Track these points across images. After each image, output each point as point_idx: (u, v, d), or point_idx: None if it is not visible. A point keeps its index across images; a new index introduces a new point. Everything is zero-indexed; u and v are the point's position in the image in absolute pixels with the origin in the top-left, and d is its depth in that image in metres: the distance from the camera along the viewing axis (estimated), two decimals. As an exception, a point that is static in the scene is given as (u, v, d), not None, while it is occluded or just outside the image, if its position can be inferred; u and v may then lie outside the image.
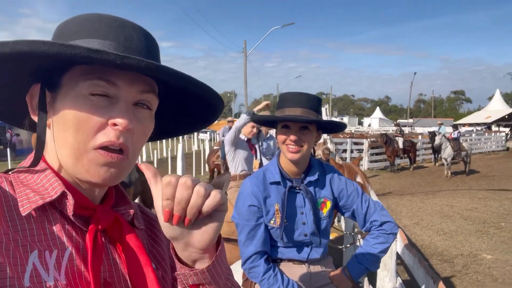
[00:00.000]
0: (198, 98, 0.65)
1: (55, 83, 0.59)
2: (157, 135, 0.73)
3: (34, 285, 0.49)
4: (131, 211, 0.67)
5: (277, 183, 1.54)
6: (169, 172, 9.81)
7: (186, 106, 0.70)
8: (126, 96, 0.58)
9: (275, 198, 1.53)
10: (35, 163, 0.60)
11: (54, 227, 0.56)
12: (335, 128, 1.67)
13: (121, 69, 0.54)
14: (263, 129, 4.20)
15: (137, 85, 0.59)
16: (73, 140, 0.56)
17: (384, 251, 1.57)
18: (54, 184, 0.57)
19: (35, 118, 0.61)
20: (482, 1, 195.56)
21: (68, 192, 0.56)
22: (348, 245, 3.68)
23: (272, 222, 1.52)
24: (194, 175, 11.71)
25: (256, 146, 3.87)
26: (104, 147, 0.56)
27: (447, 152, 13.26)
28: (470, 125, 34.67)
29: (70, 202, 0.56)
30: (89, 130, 0.55)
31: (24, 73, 0.58)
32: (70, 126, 0.56)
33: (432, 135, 14.25)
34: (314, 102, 1.53)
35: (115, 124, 0.56)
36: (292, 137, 1.46)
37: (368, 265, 1.57)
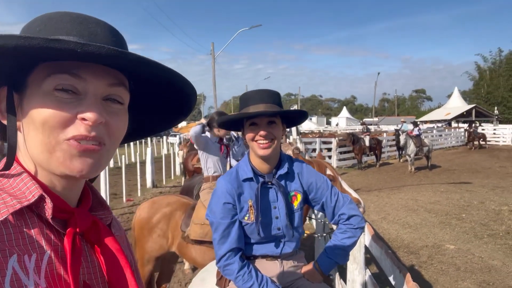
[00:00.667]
0: (170, 88, 0.65)
1: (21, 83, 0.58)
2: (133, 134, 0.74)
3: None
4: (109, 217, 0.67)
5: (250, 179, 1.56)
6: (138, 177, 9.61)
7: (160, 100, 0.70)
8: (94, 90, 0.57)
9: (249, 195, 1.55)
10: (7, 167, 0.60)
11: (32, 231, 0.55)
12: (299, 117, 1.67)
13: (84, 59, 0.53)
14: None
15: (105, 78, 0.58)
16: (42, 136, 0.55)
17: (352, 245, 1.62)
18: (31, 188, 0.56)
19: (5, 122, 0.60)
20: (440, 2, 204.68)
21: (46, 196, 0.56)
22: (325, 234, 3.80)
23: (246, 218, 1.54)
24: (164, 179, 11.40)
25: (229, 148, 3.88)
26: (77, 140, 0.56)
27: (411, 148, 13.82)
28: (431, 122, 36.12)
29: (48, 205, 0.56)
30: (57, 125, 0.55)
31: None
32: (38, 125, 0.55)
33: (397, 134, 14.81)
34: (275, 96, 1.56)
35: (84, 119, 0.55)
36: (262, 132, 1.48)
37: (337, 259, 1.62)
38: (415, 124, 15.23)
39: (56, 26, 0.58)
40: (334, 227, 2.21)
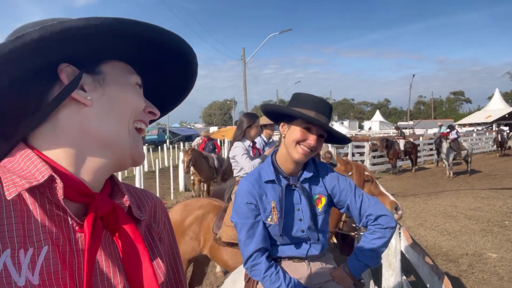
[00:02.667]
0: (170, 53, 0.69)
1: (93, 69, 0.64)
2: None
3: (3, 285, 0.48)
4: (127, 202, 0.66)
5: (272, 181, 1.56)
6: (171, 181, 9.81)
7: (164, 69, 0.73)
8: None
9: (271, 196, 1.54)
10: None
11: (32, 223, 0.54)
12: (343, 141, 1.68)
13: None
14: (264, 133, 4.22)
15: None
16: (116, 119, 0.63)
17: (382, 246, 1.56)
18: (42, 169, 0.55)
19: (78, 99, 0.60)
20: (476, 1, 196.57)
21: (55, 176, 0.55)
22: (361, 233, 3.68)
23: (269, 219, 1.53)
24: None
25: (261, 151, 3.88)
26: (140, 128, 0.67)
27: (448, 152, 13.27)
28: (470, 125, 34.66)
29: (59, 185, 0.54)
30: (138, 109, 0.66)
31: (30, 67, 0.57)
32: (119, 106, 0.63)
33: (438, 139, 14.25)
34: (331, 110, 1.57)
35: (151, 112, 0.69)
36: (313, 141, 1.48)
37: (368, 261, 1.57)
38: (451, 127, 14.64)
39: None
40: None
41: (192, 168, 9.06)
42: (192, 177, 9.92)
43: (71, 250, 0.56)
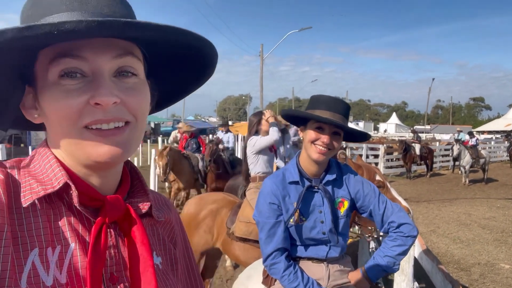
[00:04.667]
0: (186, 49, 0.59)
1: (30, 75, 0.55)
2: (166, 101, 0.72)
3: (32, 286, 0.48)
4: (146, 204, 0.63)
5: (296, 182, 1.59)
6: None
7: (180, 64, 0.65)
8: (100, 68, 0.52)
9: (294, 197, 1.57)
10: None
11: (59, 221, 0.53)
12: (360, 137, 1.71)
13: (72, 38, 0.47)
14: None
15: (107, 51, 0.53)
16: (62, 130, 0.53)
17: (403, 253, 1.58)
18: (58, 175, 0.54)
19: (30, 119, 0.58)
20: (499, 6, 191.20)
21: (71, 183, 0.53)
22: (376, 236, 3.66)
23: (291, 220, 1.56)
24: (209, 177, 11.49)
25: (279, 147, 3.91)
26: (98, 128, 0.53)
27: (466, 160, 13.04)
28: (489, 132, 33.94)
29: (74, 193, 0.53)
30: (72, 116, 0.51)
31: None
32: (54, 120, 0.53)
33: (452, 145, 14.01)
34: (347, 109, 1.59)
35: (97, 104, 0.51)
36: (326, 140, 1.51)
37: (386, 267, 1.58)
38: (471, 134, 14.36)
39: (46, 5, 0.53)
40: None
41: (172, 174, 7.06)
42: (167, 185, 7.88)
43: None
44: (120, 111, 0.53)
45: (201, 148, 7.90)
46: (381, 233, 3.18)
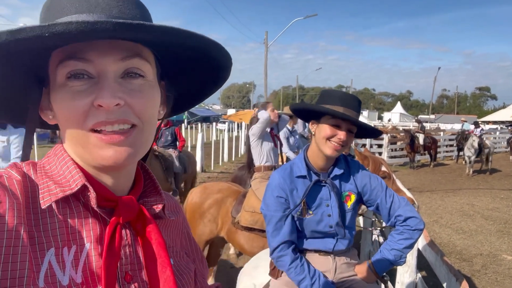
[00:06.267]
0: (200, 54, 0.58)
1: (45, 76, 0.56)
2: (183, 104, 0.73)
3: (49, 285, 0.48)
4: (159, 204, 0.63)
5: (303, 177, 1.60)
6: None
7: (192, 70, 0.65)
8: (105, 69, 0.53)
9: (301, 191, 1.58)
10: (23, 158, 0.61)
11: (76, 220, 0.54)
12: (373, 135, 1.74)
13: (74, 40, 0.47)
14: (290, 122, 4.24)
15: (112, 53, 0.53)
16: (70, 131, 0.54)
17: (409, 247, 1.59)
18: (75, 176, 0.55)
19: (45, 119, 0.60)
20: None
21: (89, 185, 0.54)
22: (378, 228, 3.69)
23: (298, 213, 1.58)
24: (212, 165, 11.55)
25: (281, 137, 3.94)
26: (101, 130, 0.52)
27: (473, 150, 12.94)
28: (494, 122, 33.72)
29: (92, 195, 0.54)
30: (79, 117, 0.52)
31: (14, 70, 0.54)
32: (62, 121, 0.55)
33: (461, 134, 13.86)
34: (360, 105, 1.59)
35: (99, 105, 0.51)
36: (343, 136, 1.51)
37: (393, 260, 1.60)
38: (476, 124, 14.26)
39: (58, 8, 0.54)
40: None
41: None
42: None
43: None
44: (125, 113, 0.53)
45: (177, 142, 6.21)
46: (384, 225, 3.20)
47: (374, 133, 1.70)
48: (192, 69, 0.65)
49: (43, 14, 0.56)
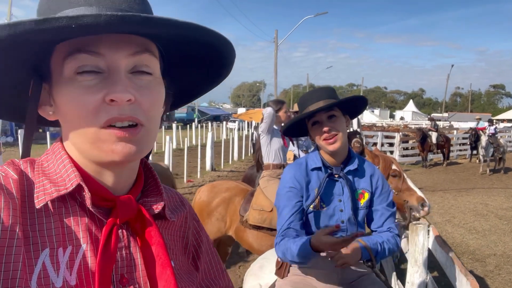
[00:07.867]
0: (202, 46, 0.57)
1: (46, 71, 0.54)
2: (180, 99, 0.71)
3: (41, 286, 0.48)
4: (160, 204, 0.62)
5: (318, 168, 1.61)
6: (199, 160, 9.97)
7: (194, 58, 0.63)
8: (116, 64, 0.51)
9: (316, 183, 1.59)
10: (23, 155, 0.60)
11: (71, 220, 0.53)
12: (359, 105, 1.68)
13: (89, 33, 0.46)
14: None
15: (124, 48, 0.52)
16: (79, 128, 0.52)
17: (390, 251, 1.60)
18: (71, 175, 0.53)
19: (44, 116, 0.58)
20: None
21: (84, 185, 0.53)
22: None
23: (312, 206, 1.58)
24: (222, 163, 11.59)
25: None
26: (112, 125, 0.51)
27: (487, 147, 12.69)
28: (509, 121, 33.09)
29: (87, 195, 0.53)
30: (89, 113, 0.50)
31: (12, 65, 0.52)
32: (70, 117, 0.52)
33: (474, 133, 13.62)
34: (331, 91, 1.63)
35: (112, 100, 0.50)
36: (325, 128, 1.53)
37: (384, 244, 1.58)
38: (491, 122, 14.00)
39: None
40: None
41: None
42: None
43: None
44: (134, 110, 0.52)
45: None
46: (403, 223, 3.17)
47: (359, 100, 1.65)
48: (195, 64, 0.64)
49: (45, 3, 0.55)
